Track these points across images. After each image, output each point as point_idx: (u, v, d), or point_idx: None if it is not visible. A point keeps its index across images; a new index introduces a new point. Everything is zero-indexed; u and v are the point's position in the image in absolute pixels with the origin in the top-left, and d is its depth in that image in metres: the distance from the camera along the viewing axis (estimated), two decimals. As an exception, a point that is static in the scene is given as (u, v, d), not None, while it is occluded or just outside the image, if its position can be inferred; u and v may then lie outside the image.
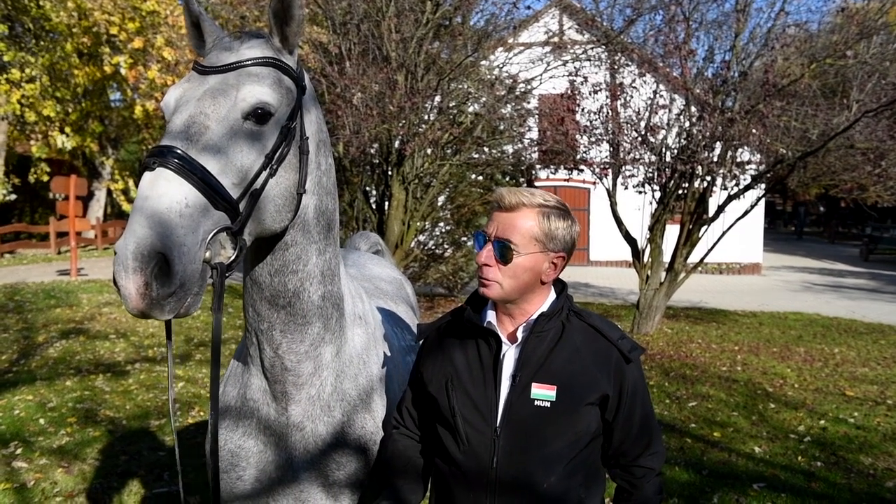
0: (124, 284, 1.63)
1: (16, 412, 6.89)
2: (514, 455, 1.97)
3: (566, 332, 2.04)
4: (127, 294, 1.63)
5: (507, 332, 2.05)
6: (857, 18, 10.26)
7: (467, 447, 2.01)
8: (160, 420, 6.81)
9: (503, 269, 1.97)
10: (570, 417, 1.97)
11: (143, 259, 1.62)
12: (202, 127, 1.81)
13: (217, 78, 1.90)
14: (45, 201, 25.98)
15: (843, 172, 11.11)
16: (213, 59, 1.97)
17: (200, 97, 1.85)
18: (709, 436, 6.72)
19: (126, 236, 1.63)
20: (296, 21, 2.01)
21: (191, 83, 1.91)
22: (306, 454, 2.25)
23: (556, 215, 2.01)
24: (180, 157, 1.72)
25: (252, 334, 2.21)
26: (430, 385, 2.11)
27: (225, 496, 2.34)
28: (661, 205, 11.30)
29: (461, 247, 13.20)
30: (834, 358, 10.38)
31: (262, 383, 2.24)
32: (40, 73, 21.94)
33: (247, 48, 1.98)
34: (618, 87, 10.88)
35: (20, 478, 5.42)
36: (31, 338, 10.11)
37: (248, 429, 2.27)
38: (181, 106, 1.86)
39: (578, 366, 2.00)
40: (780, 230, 47.92)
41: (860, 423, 7.21)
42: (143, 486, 5.36)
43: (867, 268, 25.90)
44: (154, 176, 1.71)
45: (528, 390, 1.97)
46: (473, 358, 2.07)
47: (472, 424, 2.01)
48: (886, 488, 5.56)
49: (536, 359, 2.00)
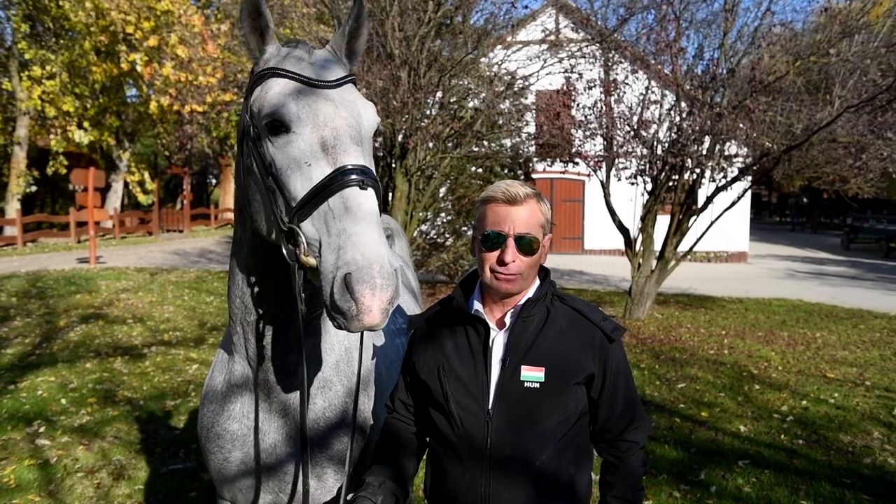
0: (368, 303, 1.60)
1: (39, 393, 6.92)
2: (507, 435, 1.97)
3: (551, 315, 2.04)
4: (366, 309, 1.61)
5: (495, 318, 2.05)
6: (839, 18, 10.22)
7: (461, 429, 2.01)
8: (175, 401, 6.84)
9: (525, 261, 1.97)
10: (559, 397, 1.98)
11: (391, 276, 1.63)
12: (363, 143, 1.86)
13: (335, 93, 1.89)
14: (65, 192, 25.99)
15: (825, 165, 11.08)
16: (315, 71, 1.90)
17: (346, 115, 1.86)
18: (697, 415, 6.73)
19: (368, 256, 1.62)
20: (363, 38, 2.06)
21: (307, 97, 1.85)
22: (288, 438, 2.24)
23: (544, 200, 2.05)
24: (375, 181, 1.77)
25: (237, 325, 2.19)
26: (423, 372, 2.11)
27: (215, 476, 2.36)
28: (652, 196, 11.29)
29: (461, 236, 13.19)
30: (815, 342, 10.39)
31: (245, 370, 2.23)
32: (60, 70, 21.91)
33: (333, 65, 1.97)
34: (611, 84, 10.85)
35: (43, 454, 5.45)
36: (52, 322, 10.14)
37: (232, 413, 2.27)
38: (325, 120, 1.82)
39: (564, 347, 2.01)
40: (766, 220, 47.87)
41: (840, 403, 7.23)
42: (159, 462, 5.38)
43: (848, 256, 25.88)
44: (369, 196, 1.72)
45: (518, 373, 1.98)
46: (463, 344, 2.07)
47: (466, 408, 2.01)
48: (864, 465, 5.57)
49: (524, 342, 2.00)
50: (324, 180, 1.73)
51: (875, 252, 26.81)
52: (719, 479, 5.23)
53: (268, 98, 1.85)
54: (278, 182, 1.80)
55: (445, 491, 2.08)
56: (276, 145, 1.83)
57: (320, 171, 1.76)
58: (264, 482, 2.29)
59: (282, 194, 1.80)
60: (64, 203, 26.25)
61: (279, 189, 1.80)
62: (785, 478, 5.28)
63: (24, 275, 14.54)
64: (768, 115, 10.29)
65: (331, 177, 1.73)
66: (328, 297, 1.65)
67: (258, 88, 1.91)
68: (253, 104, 1.90)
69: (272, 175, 1.82)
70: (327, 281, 1.65)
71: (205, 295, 13.06)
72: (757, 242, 27.95)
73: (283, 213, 1.79)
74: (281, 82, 1.87)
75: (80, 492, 4.85)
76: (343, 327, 1.66)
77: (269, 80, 1.89)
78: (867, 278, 19.41)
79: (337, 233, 1.67)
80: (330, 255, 1.67)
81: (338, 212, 1.69)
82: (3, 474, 5.07)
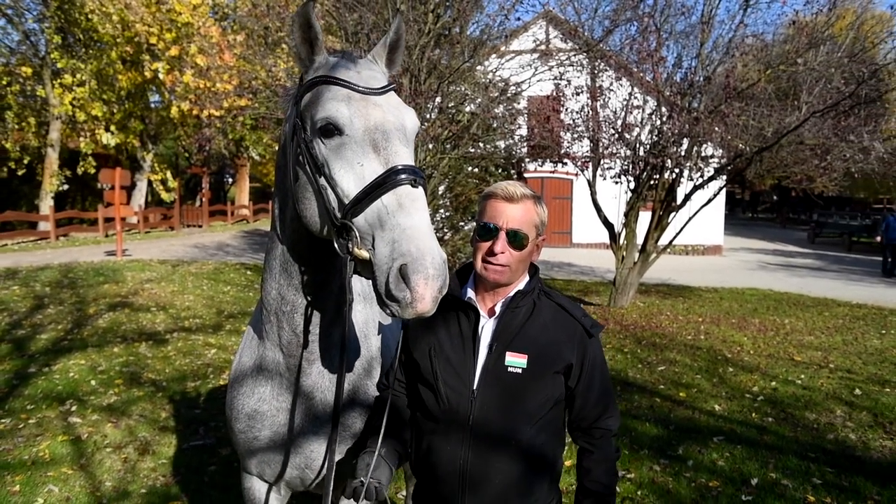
0: (422, 292, 1.63)
1: (71, 375, 6.92)
2: (489, 414, 1.98)
3: (537, 308, 2.05)
4: (419, 297, 1.63)
5: (486, 307, 2.06)
6: (806, 30, 10.21)
7: (447, 406, 2.02)
8: (196, 382, 6.84)
9: (515, 254, 1.97)
10: (539, 383, 1.99)
11: (442, 267, 1.66)
12: (409, 144, 1.88)
13: (382, 100, 1.89)
14: (93, 191, 25.91)
15: (793, 165, 11.06)
16: (363, 79, 1.90)
17: (394, 119, 1.87)
18: (675, 395, 6.75)
19: (422, 248, 1.64)
20: (401, 49, 2.06)
21: (358, 103, 1.85)
22: (315, 419, 2.25)
23: (542, 203, 2.06)
24: (424, 179, 1.78)
25: (272, 314, 2.18)
26: (416, 351, 2.11)
27: (244, 452, 2.36)
28: (634, 194, 11.28)
29: (458, 231, 13.16)
30: (784, 328, 10.41)
31: (276, 356, 2.23)
32: (89, 77, 21.86)
33: (379, 73, 1.98)
34: (597, 90, 10.82)
35: (75, 431, 5.46)
36: (82, 310, 10.13)
37: (262, 395, 2.28)
38: (376, 125, 1.82)
39: (547, 338, 2.02)
40: (739, 216, 47.87)
41: (806, 384, 7.25)
42: (181, 439, 5.39)
43: (814, 249, 25.92)
44: (419, 194, 1.74)
45: (503, 358, 1.99)
46: (454, 329, 2.07)
47: (452, 387, 2.02)
48: (827, 440, 5.59)
49: (511, 331, 2.01)
50: (377, 179, 1.73)
51: (838, 245, 26.86)
52: (695, 454, 5.24)
53: (321, 103, 1.84)
54: (331, 181, 1.80)
55: (428, 462, 2.09)
56: (328, 147, 1.82)
57: (372, 170, 1.76)
58: (291, 459, 2.30)
59: (334, 192, 1.79)
60: (93, 200, 26.16)
61: (331, 187, 1.80)
62: (756, 452, 5.29)
63: (57, 266, 14.52)
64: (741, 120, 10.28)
65: (384, 176, 1.73)
66: (383, 286, 1.66)
67: (309, 94, 1.90)
68: (305, 109, 1.89)
69: (324, 175, 1.81)
70: (382, 272, 1.67)
71: (222, 285, 13.06)
72: (731, 236, 27.97)
73: (336, 209, 1.78)
74: (333, 89, 1.86)
75: (109, 465, 4.86)
76: (396, 314, 1.68)
77: (321, 87, 1.88)
78: (831, 269, 19.44)
79: (391, 227, 1.68)
80: (385, 248, 1.67)
81: (392, 208, 1.70)
82: (38, 449, 5.08)
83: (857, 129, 9.81)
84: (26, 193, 24.79)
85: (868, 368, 7.99)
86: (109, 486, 4.55)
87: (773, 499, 4.51)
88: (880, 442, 5.59)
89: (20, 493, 4.42)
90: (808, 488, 4.68)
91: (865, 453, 5.35)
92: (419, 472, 2.16)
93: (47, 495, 4.39)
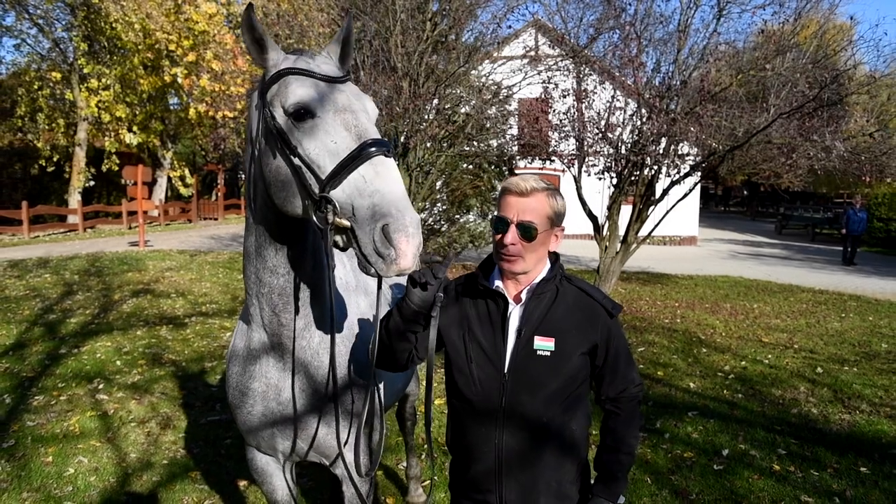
0: (405, 248, 1.64)
1: (98, 355, 6.91)
2: (520, 395, 1.95)
3: (560, 293, 2.01)
4: (402, 253, 1.65)
5: (512, 294, 2.01)
6: (774, 38, 10.19)
7: (479, 389, 1.98)
8: (212, 363, 6.84)
9: (527, 245, 1.93)
10: (566, 364, 1.95)
11: (419, 225, 1.68)
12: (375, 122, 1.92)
13: (344, 87, 1.92)
14: (118, 186, 25.81)
15: (762, 163, 11.04)
16: (324, 71, 1.92)
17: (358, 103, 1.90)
18: (654, 374, 6.77)
19: (401, 209, 1.66)
20: (351, 44, 2.08)
21: (325, 88, 1.88)
22: (301, 392, 2.24)
23: (558, 196, 2.01)
24: (393, 150, 1.80)
25: (253, 297, 2.18)
26: (448, 338, 2.06)
27: (241, 427, 2.37)
28: (617, 189, 11.25)
29: (454, 223, 13.15)
30: (753, 312, 10.44)
31: (262, 336, 2.22)
32: (113, 82, 21.73)
33: (335, 66, 2.00)
34: (582, 93, 10.77)
35: (102, 407, 5.46)
36: (108, 296, 10.11)
37: (252, 373, 2.27)
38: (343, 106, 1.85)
39: (572, 321, 1.98)
40: (713, 209, 47.87)
41: (773, 363, 7.27)
42: (199, 414, 5.39)
43: (781, 240, 25.96)
44: (392, 163, 1.77)
45: (532, 342, 1.95)
46: (484, 315, 2.03)
47: (484, 370, 1.98)
48: (792, 414, 5.62)
49: (537, 316, 1.97)
50: (352, 152, 1.75)
51: (803, 236, 26.90)
52: (672, 427, 5.27)
53: (290, 91, 1.86)
54: (305, 160, 1.80)
55: (465, 443, 2.06)
56: (301, 130, 1.82)
57: (346, 146, 1.77)
58: (281, 431, 2.29)
59: (309, 169, 1.79)
60: (117, 195, 26.02)
61: (306, 166, 1.80)
62: (727, 426, 5.32)
63: (85, 256, 14.48)
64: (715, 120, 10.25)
65: (358, 149, 1.75)
66: (370, 245, 1.67)
67: (276, 86, 1.90)
68: (274, 99, 1.89)
69: (298, 156, 1.81)
70: (366, 233, 1.68)
71: (237, 273, 13.04)
72: (705, 228, 27.98)
73: (314, 185, 1.78)
74: (300, 78, 1.88)
75: (134, 439, 4.87)
76: (381, 272, 1.69)
77: (288, 77, 1.89)
78: (796, 258, 19.49)
79: (370, 193, 1.69)
80: (366, 212, 1.69)
81: (369, 177, 1.71)
82: (69, 423, 5.09)
83: (820, 129, 9.79)
84: (56, 189, 24.66)
85: (829, 349, 8.02)
86: (134, 458, 4.55)
87: (742, 468, 4.53)
88: (839, 416, 5.62)
89: (53, 463, 4.42)
90: (774, 458, 4.71)
91: (826, 426, 5.38)
92: (455, 451, 2.13)
93: (77, 465, 4.39)
